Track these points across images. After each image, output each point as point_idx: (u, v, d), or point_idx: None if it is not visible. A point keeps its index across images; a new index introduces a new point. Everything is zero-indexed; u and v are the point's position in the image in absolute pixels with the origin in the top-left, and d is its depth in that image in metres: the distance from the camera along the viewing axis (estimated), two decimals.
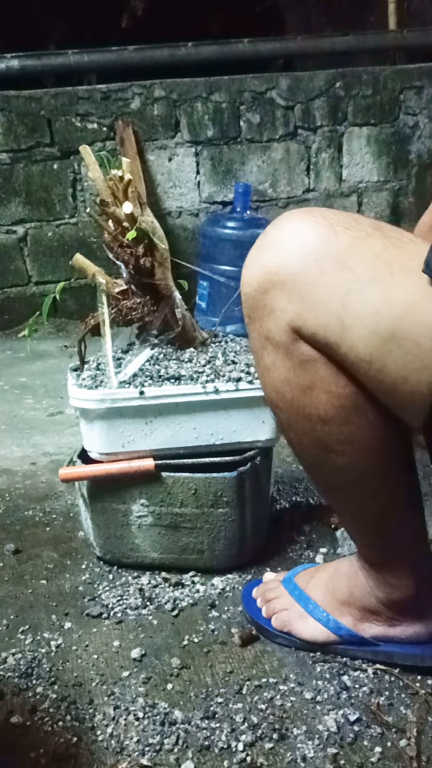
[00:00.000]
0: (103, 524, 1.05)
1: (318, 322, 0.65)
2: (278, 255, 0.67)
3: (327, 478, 0.78)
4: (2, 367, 2.34)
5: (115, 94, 2.76)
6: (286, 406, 0.73)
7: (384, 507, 0.77)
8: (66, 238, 2.81)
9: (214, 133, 2.88)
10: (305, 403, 0.70)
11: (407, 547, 0.80)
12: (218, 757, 0.73)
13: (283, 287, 0.66)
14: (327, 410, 0.70)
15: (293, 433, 0.75)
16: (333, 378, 0.68)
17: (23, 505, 1.32)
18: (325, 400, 0.69)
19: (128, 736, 0.76)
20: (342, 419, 0.70)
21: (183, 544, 1.03)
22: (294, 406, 0.72)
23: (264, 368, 0.73)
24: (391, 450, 0.74)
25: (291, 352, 0.69)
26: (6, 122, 2.66)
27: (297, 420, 0.73)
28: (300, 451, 0.77)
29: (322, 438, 0.72)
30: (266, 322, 0.69)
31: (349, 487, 0.76)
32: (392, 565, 0.80)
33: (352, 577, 0.84)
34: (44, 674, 0.86)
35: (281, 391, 0.72)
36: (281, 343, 0.69)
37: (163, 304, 1.02)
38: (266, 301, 0.68)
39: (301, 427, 0.73)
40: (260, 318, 0.70)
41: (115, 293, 1.03)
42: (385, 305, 0.62)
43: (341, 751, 0.73)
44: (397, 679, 0.83)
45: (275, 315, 0.68)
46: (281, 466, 1.42)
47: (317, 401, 0.70)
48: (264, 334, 0.70)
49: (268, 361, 0.72)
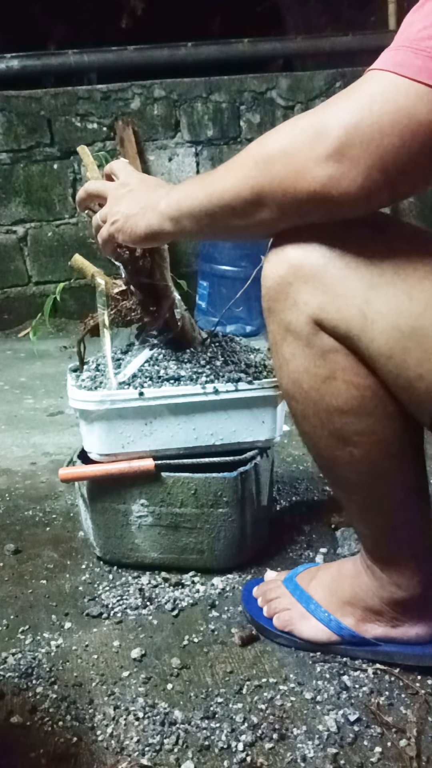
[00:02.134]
0: (103, 524, 1.05)
1: (340, 315, 0.66)
2: (302, 249, 0.68)
3: (341, 471, 0.78)
4: (2, 367, 2.34)
5: (115, 94, 2.76)
6: (303, 396, 0.73)
7: (395, 502, 0.77)
8: (66, 238, 2.81)
9: (214, 133, 2.88)
10: (324, 393, 0.71)
11: (415, 545, 0.80)
12: (218, 757, 0.73)
13: (306, 280, 0.67)
14: (346, 400, 0.70)
15: (309, 425, 0.75)
16: (354, 368, 0.69)
17: (23, 505, 1.32)
18: (344, 390, 0.70)
19: (128, 736, 0.76)
20: (361, 410, 0.71)
21: (183, 544, 1.03)
22: (312, 397, 0.72)
23: (282, 359, 0.74)
24: (405, 444, 0.74)
25: (312, 342, 0.70)
26: (6, 122, 2.66)
27: (314, 411, 0.73)
28: (315, 443, 0.77)
29: (340, 429, 0.72)
30: (288, 313, 0.70)
31: (362, 480, 0.76)
32: (399, 563, 0.80)
33: (356, 577, 0.84)
34: (44, 674, 0.86)
35: (299, 382, 0.73)
36: (302, 335, 0.70)
37: (162, 305, 1.02)
38: (289, 294, 0.69)
39: (318, 418, 0.73)
40: (282, 310, 0.71)
41: (114, 294, 1.03)
42: (408, 301, 0.63)
43: (341, 751, 0.73)
44: (397, 679, 0.83)
45: (297, 307, 0.69)
46: (281, 466, 1.42)
47: (337, 391, 0.70)
48: (285, 325, 0.71)
49: (287, 352, 0.72)
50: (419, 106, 0.56)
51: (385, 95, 0.57)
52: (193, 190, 0.71)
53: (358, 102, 0.58)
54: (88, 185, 0.88)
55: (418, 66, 0.56)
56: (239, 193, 0.65)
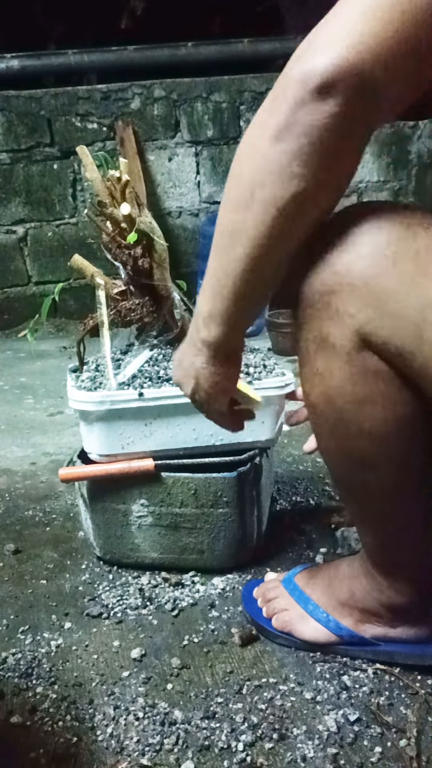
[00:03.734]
0: (103, 524, 1.05)
1: (393, 333, 0.60)
2: (349, 254, 0.61)
3: (358, 488, 0.75)
4: (2, 367, 2.34)
5: (115, 94, 2.76)
6: (333, 414, 0.68)
7: (407, 518, 0.75)
8: (66, 238, 2.81)
9: (214, 133, 2.88)
10: (356, 414, 0.66)
11: (418, 556, 0.80)
12: (218, 757, 0.73)
13: (353, 291, 0.61)
14: (379, 425, 0.66)
15: (333, 443, 0.72)
16: (395, 395, 0.64)
17: (23, 505, 1.32)
18: (380, 415, 0.66)
19: (128, 736, 0.76)
20: (392, 437, 0.67)
21: (183, 544, 1.03)
22: (342, 417, 0.68)
23: (314, 372, 0.68)
24: (424, 465, 0.71)
25: (353, 360, 0.64)
26: (6, 122, 2.66)
27: (341, 430, 0.69)
28: (334, 459, 0.74)
29: (364, 451, 0.69)
30: (327, 325, 0.64)
31: (378, 498, 0.74)
32: (400, 571, 0.80)
33: (354, 578, 0.84)
34: (44, 674, 0.86)
35: (332, 399, 0.68)
36: (343, 350, 0.64)
37: (162, 305, 1.02)
38: (331, 303, 0.63)
39: (344, 438, 0.69)
40: (320, 319, 0.65)
41: (113, 294, 1.03)
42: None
43: (341, 751, 0.73)
44: (397, 679, 0.83)
45: (341, 319, 0.63)
46: (281, 467, 1.42)
47: (370, 414, 0.66)
48: (322, 337, 0.65)
49: (322, 366, 0.67)
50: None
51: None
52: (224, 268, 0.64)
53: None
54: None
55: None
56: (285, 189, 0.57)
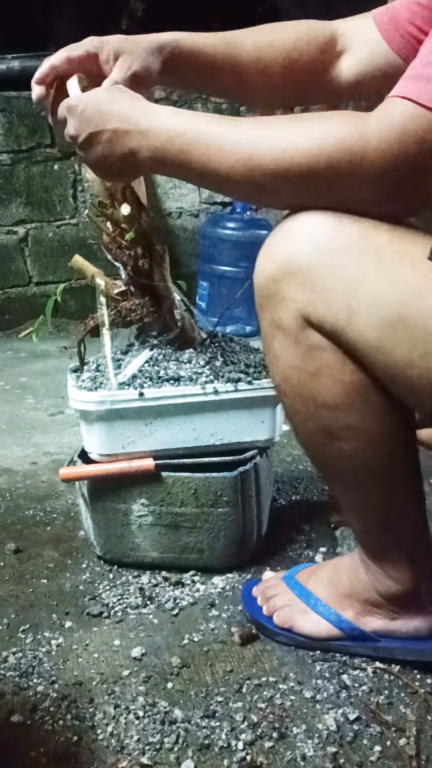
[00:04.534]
0: (103, 524, 1.05)
1: (327, 310, 0.67)
2: (289, 246, 0.69)
3: (331, 465, 0.79)
4: (3, 367, 2.34)
5: None
6: (292, 392, 0.75)
7: (387, 498, 0.78)
8: (67, 238, 2.81)
9: None
10: (311, 388, 0.72)
11: (408, 540, 0.81)
12: (218, 755, 0.74)
13: (293, 277, 0.69)
14: (333, 396, 0.71)
15: (299, 419, 0.77)
16: (340, 365, 0.70)
17: (24, 504, 1.32)
18: (331, 386, 0.71)
19: (128, 735, 0.76)
20: (347, 406, 0.72)
21: (183, 544, 1.03)
22: (300, 392, 0.74)
23: (273, 355, 0.75)
24: (396, 441, 0.75)
25: (299, 339, 0.71)
26: (7, 123, 2.66)
27: (303, 406, 0.75)
28: (305, 437, 0.79)
29: (327, 424, 0.74)
30: (277, 310, 0.71)
31: (353, 475, 0.77)
32: (393, 558, 0.81)
33: (353, 570, 0.85)
34: (45, 673, 0.87)
35: (288, 377, 0.74)
36: (291, 331, 0.71)
37: (162, 305, 1.03)
38: (277, 290, 0.70)
39: (308, 413, 0.75)
40: (271, 306, 0.72)
41: (114, 294, 1.03)
42: (392, 292, 0.64)
43: (341, 750, 0.74)
44: (396, 678, 0.83)
45: (286, 303, 0.70)
46: (281, 466, 1.42)
47: (324, 387, 0.71)
48: (275, 322, 0.72)
49: (278, 348, 0.74)
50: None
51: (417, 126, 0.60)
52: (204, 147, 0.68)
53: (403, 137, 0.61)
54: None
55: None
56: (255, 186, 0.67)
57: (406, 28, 0.81)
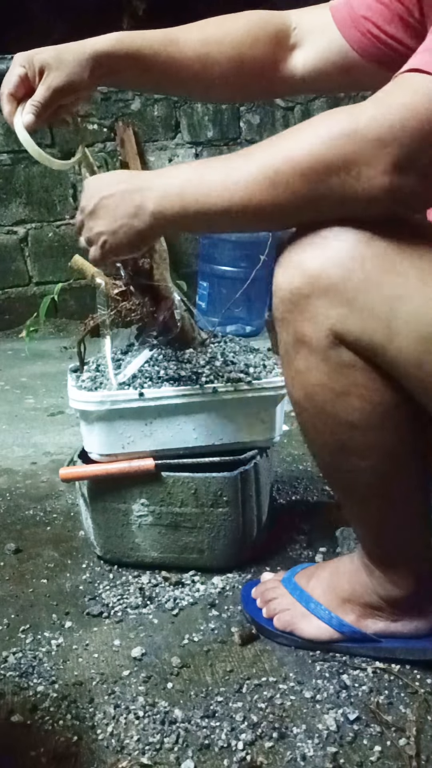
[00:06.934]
0: (103, 524, 1.05)
1: (363, 327, 0.64)
2: (320, 258, 0.65)
3: (344, 479, 0.78)
4: (3, 367, 2.34)
5: (115, 95, 2.77)
6: (315, 410, 0.72)
7: (396, 509, 0.77)
8: (66, 238, 2.82)
9: (214, 134, 2.88)
10: (338, 408, 0.70)
11: (413, 548, 0.80)
12: (218, 755, 0.74)
13: (326, 292, 0.65)
14: (360, 416, 0.69)
15: (316, 435, 0.75)
16: (370, 384, 0.68)
17: (24, 504, 1.32)
18: (359, 406, 0.69)
19: (128, 735, 0.76)
20: (372, 425, 0.70)
21: (183, 544, 1.03)
22: (325, 410, 0.71)
23: (295, 371, 0.72)
24: (413, 457, 0.74)
25: (329, 356, 0.68)
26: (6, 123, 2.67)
27: (323, 423, 0.72)
28: (319, 451, 0.77)
29: (347, 441, 0.72)
30: (304, 325, 0.68)
31: (365, 489, 0.76)
32: (396, 563, 0.81)
33: (354, 574, 0.84)
34: (45, 673, 0.87)
35: (312, 395, 0.71)
36: (319, 348, 0.68)
37: (162, 305, 1.03)
38: (306, 306, 0.66)
39: (329, 431, 0.72)
40: (297, 321, 0.68)
41: (114, 294, 1.03)
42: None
43: (341, 750, 0.74)
44: (396, 678, 0.83)
45: (316, 320, 0.66)
46: (281, 466, 1.42)
47: (351, 407, 0.69)
48: (299, 337, 0.69)
49: (301, 364, 0.70)
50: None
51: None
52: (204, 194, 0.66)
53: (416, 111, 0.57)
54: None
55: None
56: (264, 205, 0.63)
57: (364, 23, 0.79)
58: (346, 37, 0.81)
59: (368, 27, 0.79)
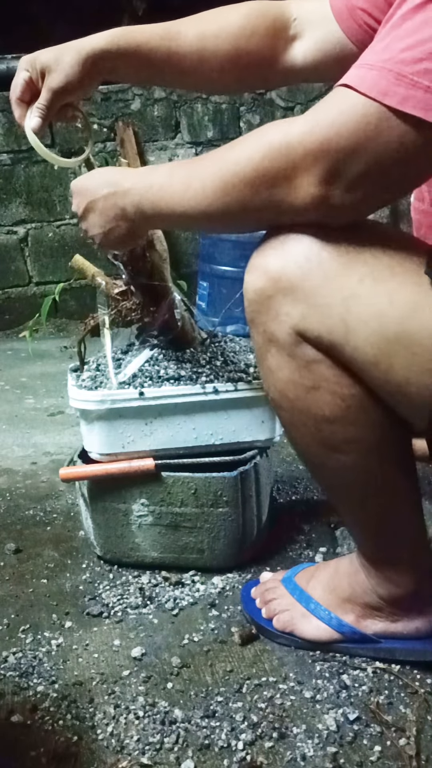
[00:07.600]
0: (103, 524, 1.05)
1: (322, 325, 0.67)
2: (280, 260, 0.68)
3: (330, 476, 0.79)
4: (3, 367, 2.34)
5: (115, 95, 2.77)
6: (289, 406, 0.74)
7: (386, 506, 0.77)
8: (66, 238, 2.82)
9: (214, 134, 2.88)
10: (310, 403, 0.71)
11: (408, 545, 0.81)
12: (218, 755, 0.74)
13: (286, 292, 0.67)
14: (332, 410, 0.71)
15: (297, 433, 0.76)
16: (338, 379, 0.69)
17: (24, 504, 1.32)
18: (330, 400, 0.70)
19: (128, 735, 0.76)
20: (347, 419, 0.71)
21: (183, 544, 1.03)
22: (298, 407, 0.73)
23: (268, 370, 0.74)
24: (395, 450, 0.75)
25: (295, 353, 0.70)
26: (7, 123, 2.67)
27: (301, 420, 0.74)
28: (304, 450, 0.78)
29: (327, 438, 0.73)
30: (270, 325, 0.70)
31: (352, 485, 0.77)
32: (393, 562, 0.81)
33: (353, 574, 0.85)
34: (45, 673, 0.87)
35: (285, 392, 0.73)
36: (285, 346, 0.70)
37: (162, 305, 1.03)
38: (270, 306, 0.69)
39: (306, 427, 0.74)
40: (264, 322, 0.71)
41: (114, 294, 1.03)
42: (389, 307, 0.63)
43: (341, 750, 0.74)
44: (396, 678, 0.83)
45: (279, 319, 0.69)
46: (281, 466, 1.42)
47: (322, 401, 0.71)
48: (268, 336, 0.71)
49: (272, 362, 0.72)
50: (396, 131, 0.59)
51: (366, 123, 0.59)
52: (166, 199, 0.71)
53: (346, 127, 0.60)
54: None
55: (402, 95, 0.57)
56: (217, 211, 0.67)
57: (360, 15, 0.80)
58: (343, 28, 0.82)
59: (364, 18, 0.80)
